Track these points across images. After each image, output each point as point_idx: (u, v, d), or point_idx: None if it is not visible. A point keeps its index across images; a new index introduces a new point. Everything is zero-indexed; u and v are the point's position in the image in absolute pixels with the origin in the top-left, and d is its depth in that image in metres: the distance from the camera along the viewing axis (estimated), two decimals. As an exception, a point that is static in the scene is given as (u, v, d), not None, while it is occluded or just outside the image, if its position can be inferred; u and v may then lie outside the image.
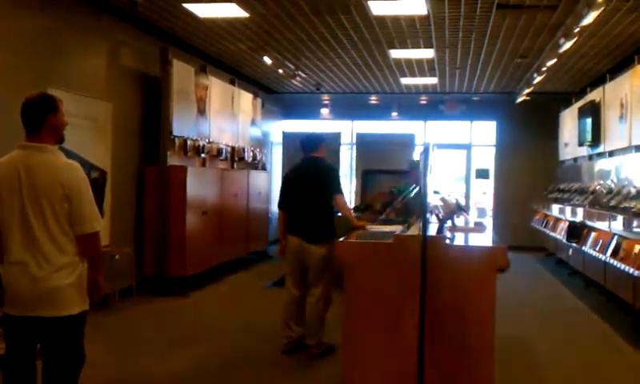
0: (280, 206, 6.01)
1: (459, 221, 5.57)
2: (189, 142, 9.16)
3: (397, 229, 5.00)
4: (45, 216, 3.39)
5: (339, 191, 5.81)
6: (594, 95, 10.76)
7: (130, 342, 6.17)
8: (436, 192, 6.13)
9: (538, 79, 10.51)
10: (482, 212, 15.28)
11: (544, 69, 9.75)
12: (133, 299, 7.86)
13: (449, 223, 5.11)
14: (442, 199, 5.66)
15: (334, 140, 12.89)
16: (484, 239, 5.11)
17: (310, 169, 5.90)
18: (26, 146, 3.47)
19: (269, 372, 5.31)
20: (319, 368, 5.39)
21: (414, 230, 4.89)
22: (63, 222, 3.42)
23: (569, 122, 12.72)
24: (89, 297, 3.61)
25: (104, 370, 5.13)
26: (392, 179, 9.99)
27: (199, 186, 9.04)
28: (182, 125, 8.94)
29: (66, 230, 3.44)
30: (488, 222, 12.53)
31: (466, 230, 5.38)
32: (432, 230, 4.55)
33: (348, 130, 15.29)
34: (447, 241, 4.30)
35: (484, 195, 16.08)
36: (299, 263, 5.73)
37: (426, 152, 3.97)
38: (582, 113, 11.25)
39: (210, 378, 5.16)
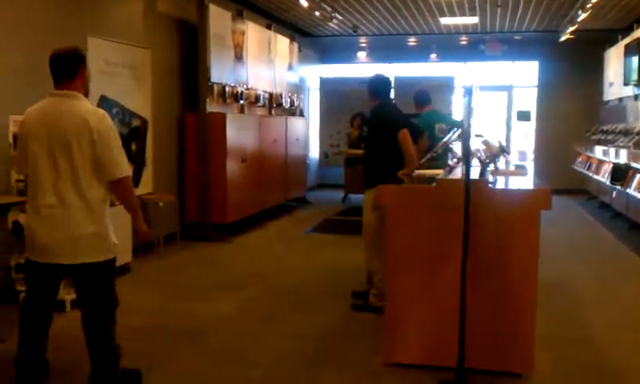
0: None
1: (500, 164, 5.51)
2: (227, 89, 9.17)
3: (439, 173, 4.97)
4: (74, 163, 3.45)
5: None
6: (641, 32, 10.38)
7: (175, 286, 6.32)
8: (478, 135, 6.03)
9: (582, 16, 10.15)
10: (522, 155, 15.05)
11: (589, 5, 9.41)
12: (177, 245, 8.03)
13: (491, 167, 5.05)
14: (485, 142, 5.57)
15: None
16: (526, 182, 5.05)
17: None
18: (56, 94, 3.57)
19: (311, 314, 5.40)
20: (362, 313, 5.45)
21: (456, 174, 4.86)
22: (90, 169, 3.48)
23: (614, 61, 12.32)
24: (135, 242, 3.70)
25: (150, 313, 5.30)
26: (432, 123, 9.85)
27: (238, 132, 9.08)
28: (220, 71, 8.94)
29: (93, 178, 3.50)
30: (529, 165, 12.35)
31: (508, 174, 5.32)
32: (474, 174, 4.50)
33: (386, 74, 15.05)
34: (490, 184, 4.26)
35: (525, 138, 15.80)
36: None
37: (469, 94, 3.90)
38: (629, 50, 10.88)
39: (255, 319, 5.28)
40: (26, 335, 3.71)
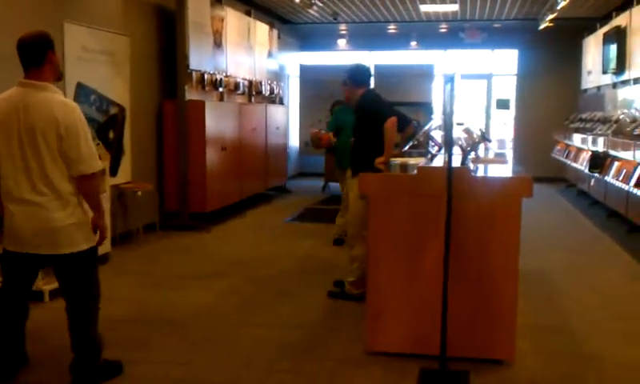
0: None
1: (480, 152, 5.51)
2: (206, 76, 9.08)
3: (420, 161, 4.95)
4: (42, 155, 3.38)
5: None
6: (619, 20, 10.45)
7: (155, 275, 6.26)
8: (459, 123, 6.03)
9: (562, 4, 10.19)
10: (501, 143, 15.14)
11: (569, -7, 9.45)
12: (156, 234, 7.95)
13: (472, 154, 5.05)
14: (466, 130, 5.57)
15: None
16: (507, 170, 5.06)
17: None
18: (26, 84, 3.47)
19: (292, 304, 5.38)
20: (344, 302, 5.43)
21: (438, 162, 4.85)
22: (60, 162, 3.41)
23: (593, 49, 12.42)
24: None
25: (130, 303, 5.24)
26: (412, 111, 9.84)
27: (218, 120, 9.00)
28: (199, 58, 8.84)
29: (64, 170, 3.43)
30: (508, 153, 12.42)
31: (489, 162, 5.33)
32: (455, 162, 4.50)
33: (366, 62, 15.01)
34: (472, 172, 4.26)
35: (504, 126, 15.89)
36: None
37: (451, 82, 3.88)
38: (607, 39, 10.96)
39: (235, 308, 5.24)
40: (3, 326, 3.66)
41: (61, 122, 3.37)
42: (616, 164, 8.78)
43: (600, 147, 9.70)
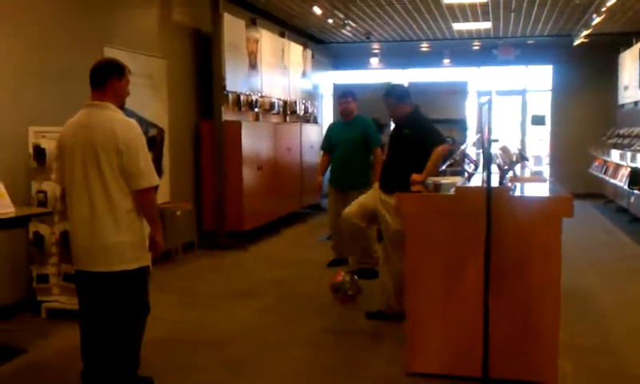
0: None
1: (517, 169, 5.47)
2: (242, 97, 9.20)
3: (456, 180, 4.94)
4: (103, 172, 3.49)
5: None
6: (657, 35, 10.31)
7: (193, 294, 6.32)
8: (495, 140, 5.99)
9: (596, 20, 10.10)
10: (537, 160, 14.95)
11: (603, 9, 9.36)
12: (195, 253, 8.04)
13: (510, 173, 5.02)
14: (503, 148, 5.54)
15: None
16: (546, 189, 5.02)
17: None
18: (89, 105, 3.63)
19: (329, 323, 5.38)
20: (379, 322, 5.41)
21: (475, 181, 4.83)
22: (120, 178, 3.51)
23: (629, 64, 12.25)
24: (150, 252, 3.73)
25: (170, 323, 5.30)
26: (446, 128, 9.81)
27: (254, 140, 9.10)
28: (235, 79, 8.96)
29: (123, 186, 3.53)
30: (544, 169, 12.28)
31: (527, 180, 5.28)
32: (493, 181, 4.48)
33: (399, 80, 15.04)
34: (511, 192, 4.24)
35: (540, 142, 15.72)
36: None
37: (489, 102, 3.87)
38: (644, 54, 10.81)
39: (272, 328, 5.27)
40: (84, 345, 3.72)
41: (121, 138, 3.47)
42: (656, 180, 8.64)
43: (639, 163, 9.54)
